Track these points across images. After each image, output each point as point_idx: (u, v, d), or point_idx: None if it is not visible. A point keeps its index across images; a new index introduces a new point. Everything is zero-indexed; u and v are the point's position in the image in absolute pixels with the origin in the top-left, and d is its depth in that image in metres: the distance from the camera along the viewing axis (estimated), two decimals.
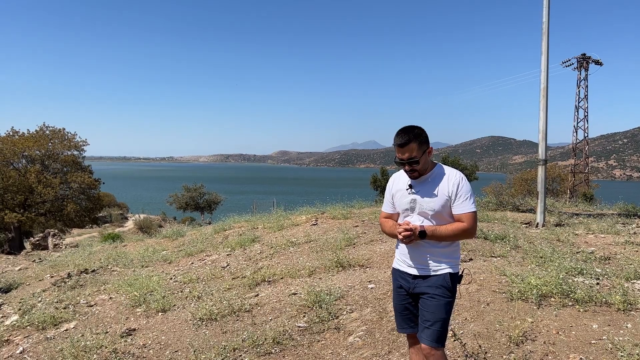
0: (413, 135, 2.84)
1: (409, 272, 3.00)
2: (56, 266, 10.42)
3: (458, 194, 2.87)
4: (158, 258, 9.52)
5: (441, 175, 2.94)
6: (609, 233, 8.68)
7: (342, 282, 5.79)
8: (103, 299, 6.67)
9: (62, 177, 30.54)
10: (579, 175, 41.78)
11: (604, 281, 5.42)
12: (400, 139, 2.85)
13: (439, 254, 2.93)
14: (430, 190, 2.92)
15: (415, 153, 2.86)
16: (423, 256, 2.95)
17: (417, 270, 2.97)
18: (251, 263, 7.73)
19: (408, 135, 2.85)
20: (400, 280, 3.07)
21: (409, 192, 3.00)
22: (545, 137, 11.03)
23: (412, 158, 2.87)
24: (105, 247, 13.70)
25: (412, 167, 2.90)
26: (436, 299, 2.88)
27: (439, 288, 2.89)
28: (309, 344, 4.24)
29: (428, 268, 2.94)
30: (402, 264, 3.07)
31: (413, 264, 2.99)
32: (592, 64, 41.64)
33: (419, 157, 2.86)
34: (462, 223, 2.87)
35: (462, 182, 2.89)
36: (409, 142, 2.84)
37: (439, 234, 2.85)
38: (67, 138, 31.52)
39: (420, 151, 2.86)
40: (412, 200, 2.97)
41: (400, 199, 3.04)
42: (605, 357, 3.49)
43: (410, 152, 2.86)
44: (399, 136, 2.87)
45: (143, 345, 4.66)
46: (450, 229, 2.85)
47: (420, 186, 2.96)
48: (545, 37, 10.82)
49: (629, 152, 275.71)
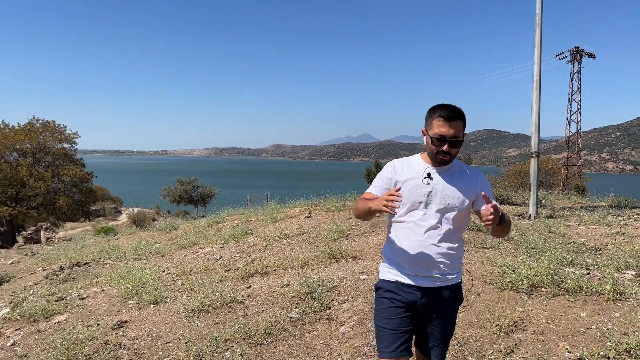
0: (462, 113, 2.41)
1: (417, 284, 2.47)
2: (48, 259, 10.38)
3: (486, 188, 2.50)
4: (151, 251, 9.50)
5: (462, 168, 2.56)
6: (600, 224, 8.74)
7: (335, 274, 5.80)
8: (95, 291, 6.65)
9: (53, 170, 30.39)
10: (572, 168, 42.01)
11: (595, 271, 5.46)
12: (449, 112, 2.38)
13: (455, 259, 2.50)
14: (455, 183, 2.48)
15: (461, 134, 2.42)
16: (439, 262, 2.45)
17: (431, 281, 2.46)
18: (244, 255, 7.72)
19: (458, 111, 2.40)
20: (401, 293, 2.50)
21: (427, 181, 2.48)
22: (538, 130, 11.07)
23: (456, 137, 2.39)
24: (98, 240, 13.65)
25: (451, 149, 2.40)
26: (453, 314, 2.56)
27: (453, 303, 2.52)
28: (301, 334, 4.24)
29: (441, 278, 2.47)
30: (403, 274, 2.52)
31: (425, 272, 2.46)
32: (585, 56, 41.80)
33: (462, 140, 2.44)
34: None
35: (486, 178, 2.57)
36: (459, 118, 2.39)
37: (508, 219, 2.40)
38: (58, 131, 31.33)
39: (463, 133, 2.44)
40: (431, 192, 2.47)
41: (413, 190, 2.49)
42: (594, 345, 3.52)
43: (456, 130, 2.38)
44: (446, 109, 2.39)
45: (135, 337, 4.65)
46: (508, 220, 2.42)
47: (442, 177, 2.49)
48: (538, 30, 10.84)
49: (622, 146, 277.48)
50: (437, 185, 2.48)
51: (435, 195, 2.47)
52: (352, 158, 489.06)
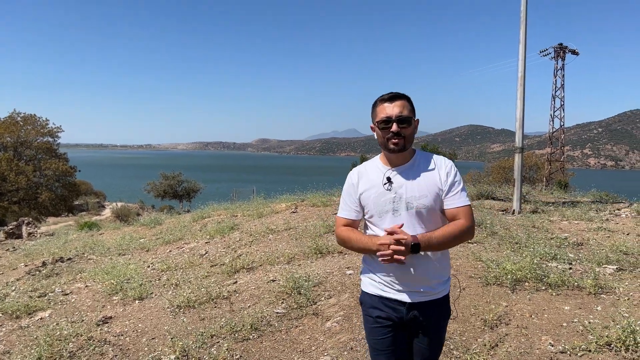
0: (405, 95, 2.30)
1: (399, 298, 2.27)
2: (30, 255, 10.22)
3: (451, 182, 2.25)
4: (135, 246, 9.41)
5: (427, 161, 2.31)
6: (582, 219, 8.88)
7: (321, 269, 5.81)
8: (79, 287, 6.58)
9: (35, 164, 29.96)
10: (555, 163, 42.54)
11: (577, 266, 5.55)
12: (388, 94, 2.28)
13: (439, 269, 2.28)
14: (419, 181, 2.25)
15: (407, 112, 2.24)
16: (421, 274, 2.24)
17: (413, 295, 2.26)
18: (230, 251, 7.69)
19: (399, 93, 2.29)
20: (385, 309, 2.31)
21: (388, 187, 2.28)
22: (522, 125, 11.17)
23: (401, 115, 2.22)
24: (82, 235, 13.48)
25: (400, 130, 2.22)
26: (441, 330, 2.36)
27: (442, 316, 2.33)
28: (287, 329, 4.25)
29: (425, 291, 2.26)
30: (386, 287, 2.31)
31: (406, 286, 2.26)
32: (568, 53, 42.29)
33: (411, 117, 2.26)
34: (460, 221, 2.21)
35: (454, 169, 2.29)
36: (401, 98, 2.27)
37: (435, 242, 2.15)
38: (40, 124, 30.89)
39: (412, 112, 2.27)
40: (395, 198, 2.26)
41: (376, 199, 2.30)
42: (576, 339, 3.58)
43: (401, 108, 2.23)
44: (387, 94, 2.29)
45: (119, 333, 4.61)
46: (449, 232, 2.17)
47: (404, 176, 2.28)
48: (523, 26, 10.92)
49: (604, 142, 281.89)
50: (400, 189, 2.27)
51: (400, 201, 2.25)
52: (338, 153, 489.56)
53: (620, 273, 5.31)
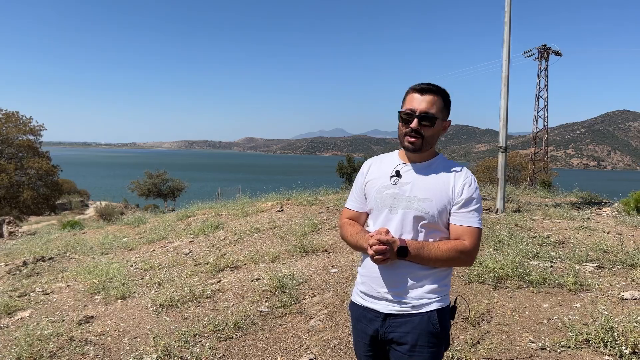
0: (442, 90, 2.06)
1: (377, 308, 2.05)
2: (11, 254, 10.06)
3: (467, 197, 1.99)
4: (118, 245, 9.33)
5: (446, 166, 2.07)
6: (564, 218, 9.00)
7: (306, 267, 5.81)
8: (60, 286, 6.50)
9: (17, 162, 29.51)
10: (539, 163, 43.05)
11: (558, 264, 5.62)
12: (422, 84, 2.05)
13: (424, 278, 1.99)
14: (428, 184, 2.02)
15: (435, 110, 2.01)
16: (401, 282, 2.00)
17: (389, 305, 2.02)
18: (214, 249, 7.66)
19: (435, 87, 2.05)
20: (364, 322, 2.11)
21: (394, 180, 2.07)
22: (506, 125, 11.29)
23: (427, 113, 2.00)
24: (64, 234, 13.31)
25: (420, 128, 2.00)
26: (417, 352, 1.97)
27: (423, 335, 1.96)
28: (271, 328, 4.25)
29: (405, 302, 1.99)
30: (366, 295, 2.10)
31: (383, 294, 2.04)
32: (552, 54, 42.81)
33: (437, 118, 2.02)
34: (462, 242, 1.96)
35: (475, 184, 2.01)
36: (434, 93, 2.03)
37: (427, 254, 1.94)
38: (22, 122, 30.43)
39: (441, 112, 2.04)
40: (398, 194, 2.05)
41: (379, 191, 2.10)
42: (556, 335, 3.63)
43: (429, 105, 2.01)
44: (421, 84, 2.06)
45: (101, 332, 4.56)
46: (445, 249, 1.94)
47: (414, 175, 2.06)
48: (507, 27, 11.03)
49: (586, 142, 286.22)
50: (405, 185, 2.05)
51: (401, 198, 2.04)
52: (324, 152, 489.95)
53: (600, 271, 5.40)
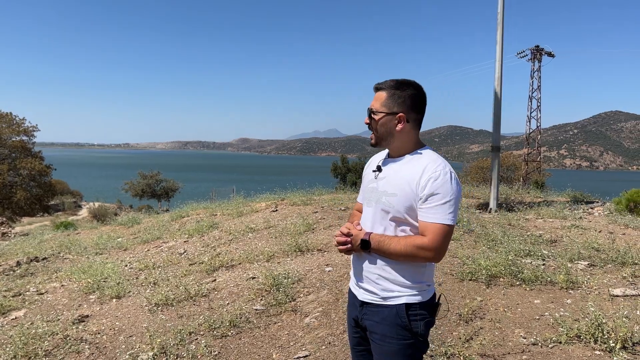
0: (392, 84, 2.07)
1: (356, 295, 2.16)
2: (4, 255, 10.03)
3: (430, 192, 1.92)
4: (113, 245, 9.32)
5: (418, 161, 2.03)
6: (557, 217, 9.07)
7: (300, 266, 5.84)
8: (55, 286, 6.49)
9: (10, 163, 29.36)
10: (532, 163, 43.30)
11: (550, 262, 5.68)
12: (376, 84, 2.12)
13: (391, 271, 2.01)
14: (396, 179, 2.04)
15: (377, 105, 2.07)
16: (370, 273, 2.07)
17: (363, 293, 2.11)
18: (209, 249, 7.67)
19: (388, 81, 2.08)
20: (350, 305, 2.25)
21: (376, 175, 2.15)
22: (498, 126, 11.37)
23: (370, 109, 2.09)
24: (58, 235, 13.27)
25: (368, 123, 2.11)
26: (387, 342, 2.01)
27: (391, 327, 2.00)
28: (266, 325, 4.27)
29: (374, 292, 2.06)
30: (352, 282, 2.22)
31: (358, 282, 2.14)
32: (545, 55, 43.09)
33: (378, 112, 2.07)
34: (421, 238, 1.94)
35: (443, 178, 1.93)
36: (381, 89, 2.09)
37: (386, 248, 1.97)
38: (15, 122, 30.29)
39: (384, 106, 2.05)
40: (374, 188, 2.12)
41: (366, 185, 2.21)
42: (547, 331, 3.68)
43: (374, 101, 2.09)
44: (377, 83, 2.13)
45: (96, 331, 4.57)
46: (403, 245, 1.94)
47: (389, 169, 2.10)
48: (500, 28, 11.11)
49: (579, 143, 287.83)
50: (381, 180, 2.11)
51: (376, 192, 2.10)
52: (319, 153, 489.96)
53: (591, 269, 5.46)
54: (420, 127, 2.14)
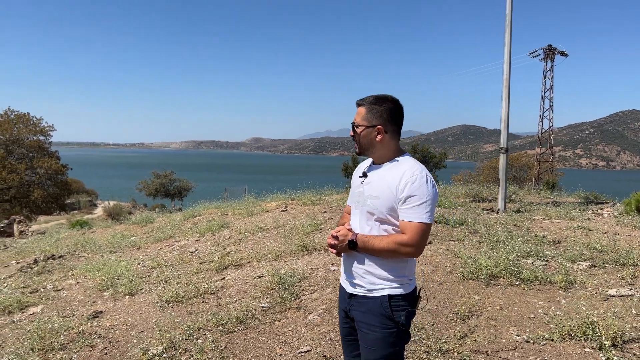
0: (371, 100, 2.31)
1: (345, 288, 2.40)
2: (22, 252, 10.35)
3: (408, 194, 2.15)
4: (126, 244, 9.57)
5: (397, 167, 2.27)
6: (564, 218, 9.13)
7: (307, 265, 6.00)
8: (70, 283, 6.73)
9: (27, 162, 29.95)
10: (545, 163, 42.99)
11: (552, 262, 5.77)
12: (359, 99, 2.37)
13: (375, 266, 2.24)
14: (380, 183, 2.27)
15: (359, 119, 2.32)
16: (356, 268, 2.31)
17: (350, 287, 2.34)
18: (219, 248, 7.87)
19: (367, 98, 2.33)
20: (340, 297, 2.48)
21: (362, 181, 2.38)
22: (507, 127, 11.43)
23: (353, 123, 2.35)
24: (73, 233, 13.60)
25: (352, 135, 2.36)
26: (372, 331, 2.22)
27: (376, 316, 2.21)
28: (271, 322, 4.44)
29: (360, 285, 2.29)
30: (342, 277, 2.44)
31: (347, 277, 2.37)
32: (558, 55, 42.72)
33: (359, 126, 2.31)
34: (401, 235, 2.17)
35: (420, 181, 2.16)
36: (361, 105, 2.34)
37: (370, 246, 2.20)
38: (32, 123, 30.89)
39: (364, 120, 2.30)
40: (360, 192, 2.36)
41: (353, 190, 2.45)
42: (540, 329, 3.80)
43: (356, 116, 2.34)
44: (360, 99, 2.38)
45: (110, 326, 4.78)
46: (385, 242, 2.17)
47: (373, 175, 2.33)
48: (508, 30, 11.17)
49: (595, 142, 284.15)
50: (366, 185, 2.34)
51: (361, 196, 2.34)
52: (331, 152, 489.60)
53: (592, 269, 5.55)
54: (399, 136, 2.37)
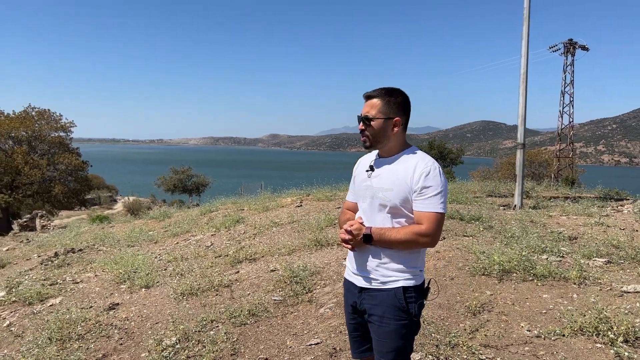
0: (383, 92, 2.29)
1: (354, 282, 2.38)
2: (43, 246, 10.58)
3: (423, 185, 2.19)
4: (144, 238, 9.72)
5: (409, 159, 2.29)
6: (582, 215, 9.00)
7: (319, 260, 6.04)
8: (89, 276, 6.87)
9: (49, 158, 30.52)
10: (565, 160, 42.37)
11: (567, 258, 5.71)
12: (367, 92, 2.33)
13: (388, 259, 2.26)
14: (391, 176, 2.28)
15: (374, 112, 2.28)
16: (368, 261, 2.30)
17: (362, 280, 2.34)
18: (234, 242, 7.95)
19: (379, 90, 2.30)
20: (348, 293, 2.47)
21: (369, 174, 2.38)
22: (524, 122, 11.30)
23: (365, 116, 2.30)
24: (93, 228, 13.85)
25: (363, 129, 2.32)
26: (385, 323, 2.25)
27: (389, 308, 2.24)
28: (283, 315, 4.49)
29: (373, 278, 2.29)
30: (349, 271, 2.45)
31: (358, 270, 2.36)
32: (578, 49, 42.00)
33: (375, 118, 2.28)
34: (419, 226, 2.19)
35: (433, 172, 2.20)
36: (374, 97, 2.30)
37: (387, 239, 2.21)
38: (53, 119, 31.43)
39: (380, 112, 2.27)
40: (369, 186, 2.35)
41: (359, 185, 2.44)
42: (552, 324, 3.78)
43: (368, 108, 2.30)
44: (368, 92, 2.34)
45: (125, 318, 4.88)
46: (403, 233, 2.19)
47: (382, 168, 2.33)
48: (525, 23, 11.02)
49: (618, 138, 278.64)
50: (375, 178, 2.35)
51: (370, 189, 2.34)
52: (348, 148, 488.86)
53: (608, 266, 5.47)
54: (406, 129, 2.39)
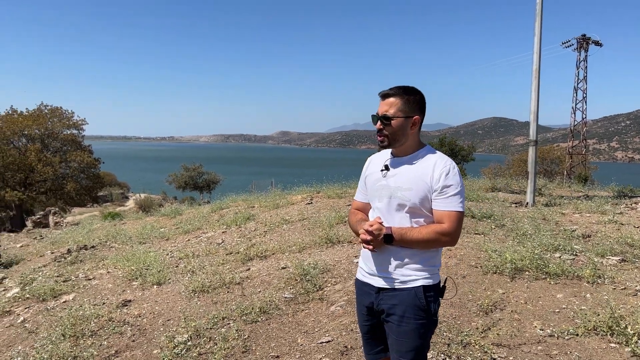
0: (401, 90, 2.27)
1: (371, 283, 2.36)
2: (56, 243, 10.70)
3: (444, 184, 2.20)
4: (156, 235, 9.78)
5: (427, 158, 2.28)
6: (595, 212, 8.90)
7: (330, 257, 6.04)
8: (101, 273, 6.93)
9: (61, 156, 30.80)
10: (577, 156, 41.94)
11: (580, 257, 5.65)
12: (383, 92, 2.31)
13: (408, 259, 2.26)
14: (409, 175, 2.27)
15: (393, 110, 2.25)
16: (387, 261, 2.28)
17: (381, 280, 2.31)
18: (245, 240, 7.97)
19: (396, 89, 2.28)
20: (362, 294, 2.44)
21: (384, 174, 2.35)
22: (536, 118, 11.19)
23: (384, 115, 2.26)
24: (105, 225, 13.97)
25: (383, 128, 2.28)
26: (405, 322, 2.24)
27: (409, 308, 2.23)
28: (294, 312, 4.50)
29: (393, 278, 2.28)
30: (364, 272, 2.42)
31: (376, 271, 2.33)
32: (592, 45, 41.50)
33: (395, 117, 2.25)
34: (441, 225, 2.20)
35: (452, 172, 2.22)
36: (392, 96, 2.28)
37: (409, 238, 2.20)
38: (65, 117, 31.71)
39: (399, 111, 2.25)
40: (385, 185, 2.33)
41: (373, 184, 2.40)
42: (565, 324, 3.74)
43: (387, 107, 2.27)
44: (384, 90, 2.32)
45: (138, 314, 4.92)
46: (425, 233, 2.19)
47: (399, 167, 2.31)
48: (538, 19, 10.90)
49: (632, 134, 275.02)
50: (391, 178, 2.32)
51: (388, 189, 2.31)
52: (358, 145, 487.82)
53: (622, 264, 5.41)
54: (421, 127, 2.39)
